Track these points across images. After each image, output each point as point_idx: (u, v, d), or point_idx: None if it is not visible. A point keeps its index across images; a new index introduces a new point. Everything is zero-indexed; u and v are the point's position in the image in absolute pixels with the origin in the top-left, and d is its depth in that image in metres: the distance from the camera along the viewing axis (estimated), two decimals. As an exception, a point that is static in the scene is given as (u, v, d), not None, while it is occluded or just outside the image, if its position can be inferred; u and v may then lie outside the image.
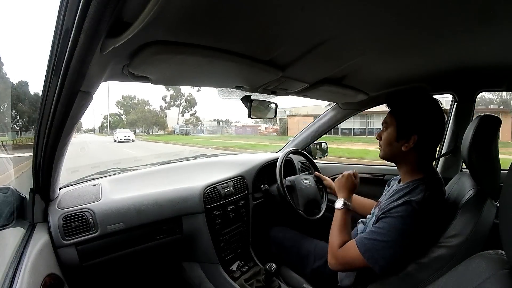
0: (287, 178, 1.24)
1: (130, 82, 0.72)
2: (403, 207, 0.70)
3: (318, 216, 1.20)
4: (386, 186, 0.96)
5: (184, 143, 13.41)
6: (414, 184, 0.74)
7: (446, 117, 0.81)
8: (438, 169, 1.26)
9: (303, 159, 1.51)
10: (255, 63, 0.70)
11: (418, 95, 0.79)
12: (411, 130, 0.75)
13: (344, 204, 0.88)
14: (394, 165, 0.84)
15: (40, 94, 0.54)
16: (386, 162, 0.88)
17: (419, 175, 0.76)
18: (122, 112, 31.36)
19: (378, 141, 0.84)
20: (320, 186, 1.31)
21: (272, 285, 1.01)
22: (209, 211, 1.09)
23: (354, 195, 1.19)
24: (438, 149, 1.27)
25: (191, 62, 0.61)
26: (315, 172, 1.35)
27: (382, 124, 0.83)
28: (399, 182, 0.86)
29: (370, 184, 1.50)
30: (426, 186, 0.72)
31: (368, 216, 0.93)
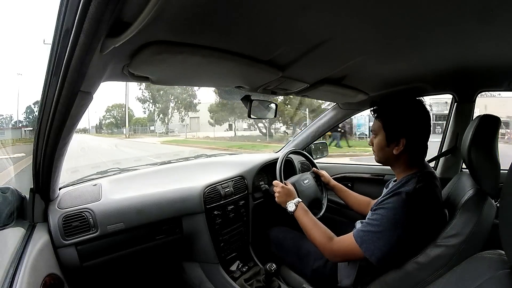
0: (287, 182, 1.24)
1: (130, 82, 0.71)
2: (394, 198, 0.72)
3: (320, 215, 1.21)
4: (384, 188, 0.97)
5: None
6: (407, 179, 0.77)
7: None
8: (438, 169, 1.26)
9: (303, 159, 1.51)
10: (255, 63, 0.70)
11: (401, 100, 0.82)
12: (399, 134, 0.78)
13: (295, 205, 0.94)
14: None
15: (40, 94, 0.54)
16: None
17: (412, 170, 0.79)
18: (149, 96, 20.21)
19: (371, 146, 0.87)
20: (319, 183, 1.31)
21: (272, 285, 1.01)
22: (209, 211, 1.09)
23: (350, 191, 1.21)
24: (438, 149, 1.28)
25: (191, 62, 0.61)
26: (313, 169, 1.35)
27: (371, 131, 0.87)
28: (395, 181, 0.87)
29: (370, 184, 1.50)
30: (418, 179, 0.74)
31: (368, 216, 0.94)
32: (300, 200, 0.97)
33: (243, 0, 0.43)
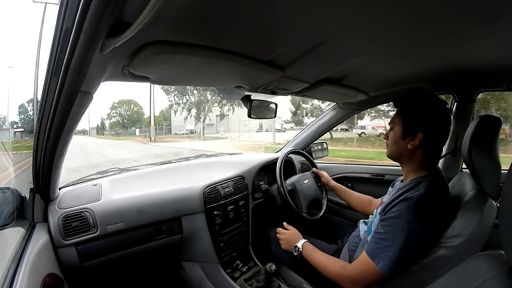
0: (288, 182, 1.24)
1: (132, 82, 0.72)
2: (403, 203, 0.70)
3: (320, 215, 1.21)
4: (390, 187, 0.96)
5: None
6: (416, 181, 0.74)
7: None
8: (438, 169, 1.26)
9: (303, 159, 1.51)
10: (255, 63, 0.70)
11: (424, 94, 0.81)
12: (417, 127, 0.76)
13: (301, 246, 0.93)
14: (395, 165, 0.84)
15: (40, 94, 0.54)
16: (386, 162, 0.88)
17: (422, 173, 0.77)
18: (176, 97, 14.27)
19: (386, 140, 0.85)
20: (319, 183, 1.32)
21: (272, 285, 1.01)
22: (209, 211, 1.09)
23: (350, 191, 1.21)
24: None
25: (191, 62, 0.61)
26: (313, 169, 1.35)
27: (389, 123, 0.85)
28: (402, 181, 0.86)
29: (370, 184, 1.50)
30: (429, 183, 0.72)
31: (370, 216, 0.94)
32: (306, 240, 0.95)
33: (243, 0, 0.43)
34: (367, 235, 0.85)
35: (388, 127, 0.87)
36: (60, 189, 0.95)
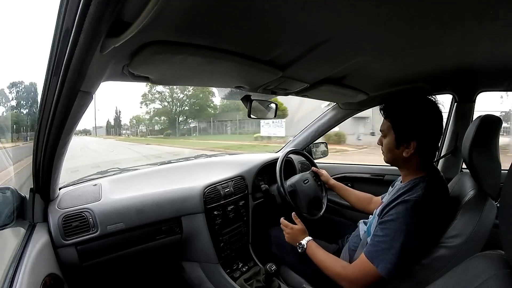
0: (288, 183, 1.24)
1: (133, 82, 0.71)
2: (401, 206, 0.70)
3: (320, 214, 1.21)
4: (390, 187, 0.96)
5: None
6: (414, 182, 0.74)
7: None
8: (438, 169, 1.26)
9: (303, 159, 1.51)
10: (255, 63, 0.70)
11: (412, 99, 0.77)
12: (410, 137, 0.74)
13: (306, 243, 0.92)
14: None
15: (40, 94, 0.54)
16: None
17: (420, 174, 0.76)
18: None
19: (380, 146, 0.85)
20: (319, 182, 1.32)
21: (272, 285, 1.01)
22: (209, 211, 1.09)
23: (350, 189, 1.21)
24: (438, 149, 1.27)
25: (191, 62, 0.61)
26: (312, 168, 1.35)
27: (380, 131, 0.83)
28: (401, 182, 0.86)
29: (370, 184, 1.50)
30: (427, 184, 0.72)
31: (370, 216, 0.94)
32: (311, 238, 0.94)
33: (243, 1, 0.43)
34: (367, 235, 0.85)
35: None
36: (60, 189, 0.95)
